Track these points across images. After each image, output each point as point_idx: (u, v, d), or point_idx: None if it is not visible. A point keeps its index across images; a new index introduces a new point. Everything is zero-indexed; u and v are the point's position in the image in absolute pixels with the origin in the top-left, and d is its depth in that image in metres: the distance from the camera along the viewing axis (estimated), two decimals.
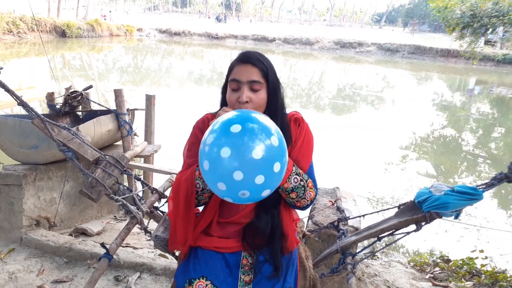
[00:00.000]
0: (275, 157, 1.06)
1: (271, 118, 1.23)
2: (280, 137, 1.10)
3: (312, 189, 1.32)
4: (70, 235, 2.64)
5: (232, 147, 1.03)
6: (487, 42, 24.10)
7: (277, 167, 1.07)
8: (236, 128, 1.05)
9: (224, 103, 1.38)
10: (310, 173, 1.36)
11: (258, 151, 1.03)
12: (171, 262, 2.31)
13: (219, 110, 1.42)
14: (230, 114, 1.12)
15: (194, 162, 1.32)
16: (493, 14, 10.41)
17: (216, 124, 1.11)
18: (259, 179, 1.05)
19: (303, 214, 1.62)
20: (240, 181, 1.04)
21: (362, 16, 64.68)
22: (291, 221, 1.42)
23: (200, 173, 1.21)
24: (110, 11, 36.76)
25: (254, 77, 1.26)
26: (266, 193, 1.10)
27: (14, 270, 2.17)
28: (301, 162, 1.33)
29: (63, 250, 2.34)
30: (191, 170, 1.29)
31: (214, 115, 1.41)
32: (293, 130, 1.36)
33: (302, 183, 1.29)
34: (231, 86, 1.29)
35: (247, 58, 1.28)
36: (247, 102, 1.25)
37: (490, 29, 11.32)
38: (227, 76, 1.32)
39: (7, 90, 1.86)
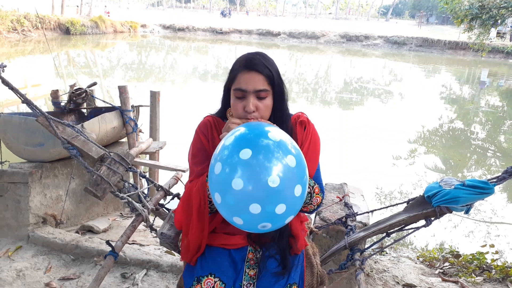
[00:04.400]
0: (294, 179, 0.94)
1: (277, 123, 1.19)
2: (297, 153, 1.00)
3: (318, 194, 1.29)
4: (77, 232, 2.64)
5: (244, 176, 0.90)
6: (497, 34, 23.73)
7: (298, 190, 0.94)
8: (246, 154, 0.92)
9: (226, 103, 1.34)
10: (317, 177, 1.33)
11: (275, 178, 0.90)
12: (178, 259, 2.30)
13: (220, 109, 1.38)
14: (238, 132, 1.00)
15: (203, 170, 1.28)
16: (502, 5, 10.22)
17: (222, 145, 1.00)
18: (280, 209, 0.92)
19: None
20: (258, 214, 0.91)
21: (368, 9, 63.96)
22: (300, 222, 1.39)
23: None
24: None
25: (260, 86, 1.21)
26: (289, 219, 1.00)
27: (22, 267, 2.17)
28: (308, 167, 1.30)
29: (70, 247, 2.35)
30: (201, 181, 1.24)
31: (215, 117, 1.37)
32: (299, 133, 1.32)
33: (308, 189, 1.25)
34: (236, 94, 1.24)
35: (252, 65, 1.22)
36: (254, 111, 1.21)
37: (499, 21, 11.10)
38: (230, 80, 1.27)
39: (11, 88, 1.85)
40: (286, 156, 0.94)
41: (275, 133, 1.00)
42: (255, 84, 1.20)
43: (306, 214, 1.43)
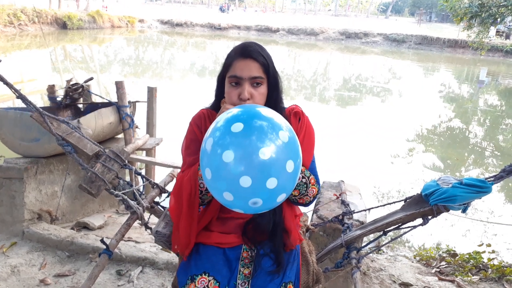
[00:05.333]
0: (286, 154, 0.95)
1: None
2: (291, 131, 1.00)
3: (314, 185, 1.29)
4: (72, 228, 2.62)
5: (235, 148, 0.91)
6: (496, 32, 23.71)
7: (290, 166, 0.95)
8: (237, 127, 0.93)
9: (219, 95, 1.34)
10: (312, 169, 1.33)
11: (266, 150, 0.90)
12: (174, 257, 2.29)
13: (214, 101, 1.37)
14: (230, 112, 1.01)
15: (195, 160, 1.27)
16: (501, 4, 10.19)
17: (214, 125, 1.01)
18: (271, 183, 0.92)
19: (307, 208, 1.58)
20: (248, 187, 0.91)
21: (368, 6, 63.88)
22: (294, 216, 1.39)
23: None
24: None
25: (255, 73, 1.22)
26: (281, 198, 0.99)
27: (17, 263, 2.16)
28: (303, 158, 1.29)
29: (65, 243, 2.33)
30: (193, 170, 1.24)
31: (209, 110, 1.37)
32: (293, 124, 1.31)
33: (304, 180, 1.25)
34: (231, 81, 1.24)
35: (247, 53, 1.22)
36: (248, 99, 1.21)
37: (499, 19, 11.08)
38: (225, 68, 1.27)
39: (6, 83, 1.82)
40: (278, 131, 0.95)
41: (266, 111, 1.02)
42: (250, 71, 1.21)
43: (302, 207, 1.42)
